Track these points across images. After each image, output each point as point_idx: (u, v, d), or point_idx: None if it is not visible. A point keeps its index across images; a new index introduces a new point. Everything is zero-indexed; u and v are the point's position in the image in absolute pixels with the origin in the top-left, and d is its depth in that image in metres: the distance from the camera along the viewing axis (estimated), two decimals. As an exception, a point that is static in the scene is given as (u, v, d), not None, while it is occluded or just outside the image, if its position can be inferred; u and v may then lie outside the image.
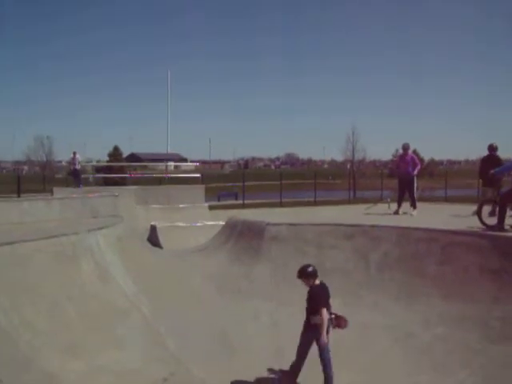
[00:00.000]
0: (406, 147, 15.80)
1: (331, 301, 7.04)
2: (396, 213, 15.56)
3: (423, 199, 18.74)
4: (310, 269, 6.95)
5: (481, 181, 15.35)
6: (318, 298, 6.83)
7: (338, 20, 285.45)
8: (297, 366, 7.11)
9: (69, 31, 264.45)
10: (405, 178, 15.59)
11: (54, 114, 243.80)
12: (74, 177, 25.86)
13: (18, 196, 25.50)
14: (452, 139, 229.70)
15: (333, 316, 6.96)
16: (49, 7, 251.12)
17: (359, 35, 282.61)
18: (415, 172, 15.43)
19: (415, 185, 15.67)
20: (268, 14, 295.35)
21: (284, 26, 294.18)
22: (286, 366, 7.30)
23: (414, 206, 15.58)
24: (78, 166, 26.27)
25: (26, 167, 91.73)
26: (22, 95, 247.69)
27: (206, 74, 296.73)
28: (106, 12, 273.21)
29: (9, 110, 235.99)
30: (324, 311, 6.74)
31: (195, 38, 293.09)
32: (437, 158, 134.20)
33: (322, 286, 6.99)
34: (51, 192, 24.15)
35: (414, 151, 17.13)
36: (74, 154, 26.53)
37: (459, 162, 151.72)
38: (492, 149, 14.69)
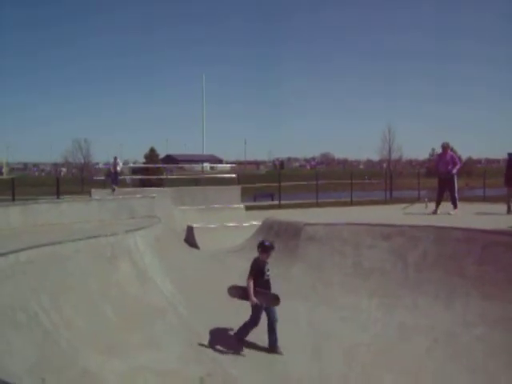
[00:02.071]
0: (445, 146, 15.67)
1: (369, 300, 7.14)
2: (434, 212, 15.41)
3: (461, 199, 18.51)
4: None
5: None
6: None
7: (378, 21, 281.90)
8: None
9: (104, 31, 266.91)
10: (445, 177, 15.43)
11: (91, 115, 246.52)
12: (113, 179, 26.19)
13: (57, 197, 25.97)
14: (490, 137, 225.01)
15: None
16: (88, 5, 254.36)
17: (396, 38, 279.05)
18: (455, 171, 15.28)
19: (456, 184, 15.50)
20: (294, 19, 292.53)
21: (311, 31, 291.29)
22: (324, 366, 7.31)
23: (454, 205, 15.39)
24: (118, 169, 26.64)
25: (64, 169, 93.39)
26: (59, 96, 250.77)
27: (242, 76, 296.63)
28: (142, 13, 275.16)
29: (46, 111, 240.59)
30: None
31: (232, 41, 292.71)
32: (475, 156, 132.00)
33: None
34: (89, 193, 24.52)
35: (452, 150, 16.91)
36: (115, 158, 26.97)
37: (498, 161, 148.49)
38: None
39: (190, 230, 18.34)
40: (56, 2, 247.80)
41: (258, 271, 8.03)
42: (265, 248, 8.12)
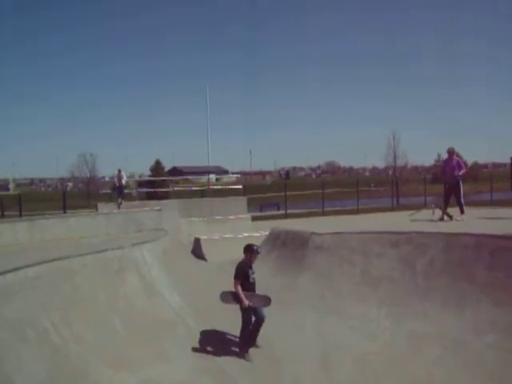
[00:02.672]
0: (451, 151, 15.55)
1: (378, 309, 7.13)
2: (441, 219, 15.31)
3: (468, 204, 18.40)
4: None
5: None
6: None
7: (379, 24, 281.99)
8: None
9: (107, 40, 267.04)
10: (451, 182, 15.33)
11: (95, 129, 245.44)
12: (118, 193, 26.10)
13: (64, 212, 26.00)
14: (496, 141, 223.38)
15: None
16: (89, 14, 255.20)
17: (397, 44, 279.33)
18: (460, 173, 15.14)
19: (462, 189, 15.39)
20: (295, 22, 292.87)
21: (326, 34, 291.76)
22: (334, 376, 7.27)
23: (461, 210, 15.29)
24: (123, 182, 26.46)
25: (70, 184, 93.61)
26: (63, 110, 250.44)
27: (247, 85, 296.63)
28: (145, 21, 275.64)
29: (50, 126, 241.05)
30: None
31: (235, 49, 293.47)
32: (481, 161, 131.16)
33: None
34: (96, 207, 24.55)
35: (457, 155, 16.71)
36: (119, 171, 26.86)
37: (504, 165, 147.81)
38: None
39: (197, 241, 18.34)
40: (56, 11, 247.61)
41: (243, 275, 8.30)
42: (251, 250, 8.44)
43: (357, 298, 9.58)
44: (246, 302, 8.09)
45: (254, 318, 8.34)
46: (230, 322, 8.67)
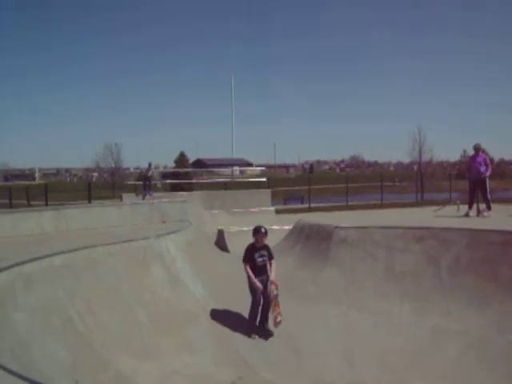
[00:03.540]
0: (477, 148, 15.42)
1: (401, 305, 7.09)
2: (467, 215, 15.19)
3: (495, 200, 18.13)
4: None
5: None
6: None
7: (407, 20, 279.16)
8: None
9: (131, 28, 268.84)
10: (477, 179, 15.20)
11: (120, 119, 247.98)
12: (145, 184, 26.24)
13: (89, 202, 26.24)
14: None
15: None
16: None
17: (425, 38, 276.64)
18: (487, 173, 15.02)
19: (488, 185, 15.24)
20: (321, 14, 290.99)
21: (347, 27, 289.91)
22: (357, 371, 7.27)
23: (488, 207, 15.15)
24: (149, 173, 26.72)
25: (95, 174, 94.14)
26: (88, 100, 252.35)
27: (271, 77, 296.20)
28: (171, 10, 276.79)
29: (77, 115, 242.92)
30: None
31: (261, 40, 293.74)
32: (507, 157, 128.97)
33: None
34: (121, 198, 24.73)
35: (483, 151, 16.53)
36: (150, 164, 27.21)
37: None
38: None
39: (220, 233, 18.40)
40: None
41: (248, 257, 8.59)
42: (257, 231, 8.76)
43: (380, 292, 9.53)
44: (257, 283, 8.43)
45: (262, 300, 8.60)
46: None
